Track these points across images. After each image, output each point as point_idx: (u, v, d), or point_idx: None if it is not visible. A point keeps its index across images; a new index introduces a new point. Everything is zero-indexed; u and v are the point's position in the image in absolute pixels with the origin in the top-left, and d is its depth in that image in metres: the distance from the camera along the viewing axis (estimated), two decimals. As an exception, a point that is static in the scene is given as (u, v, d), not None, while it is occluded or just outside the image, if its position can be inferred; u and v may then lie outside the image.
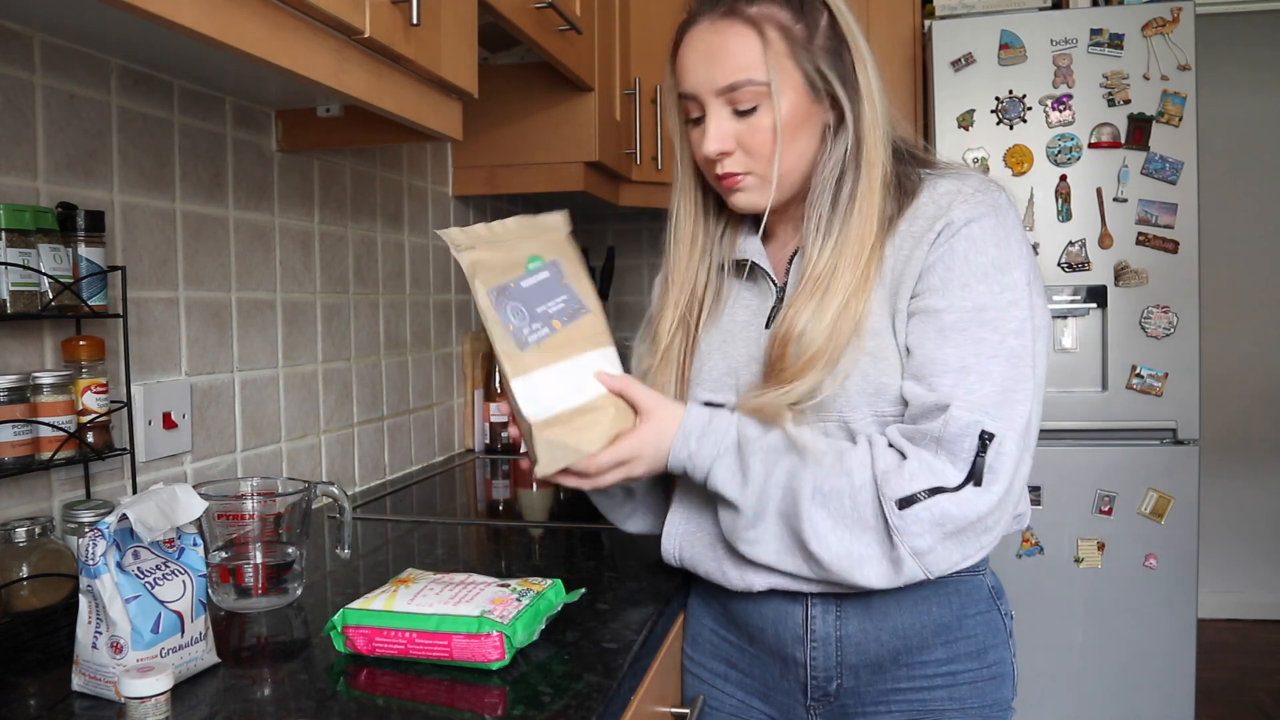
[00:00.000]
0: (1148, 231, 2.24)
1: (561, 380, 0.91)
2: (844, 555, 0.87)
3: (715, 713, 1.07)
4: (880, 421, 0.92)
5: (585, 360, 0.93)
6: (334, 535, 1.29)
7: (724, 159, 0.95)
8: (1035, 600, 2.25)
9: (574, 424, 0.91)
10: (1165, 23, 2.20)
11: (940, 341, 0.88)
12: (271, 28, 0.88)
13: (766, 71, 0.91)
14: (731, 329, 1.03)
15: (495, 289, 0.92)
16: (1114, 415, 2.25)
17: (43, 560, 0.91)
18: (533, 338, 0.92)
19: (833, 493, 0.88)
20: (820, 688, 0.99)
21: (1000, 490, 0.86)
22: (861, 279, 0.91)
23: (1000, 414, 0.86)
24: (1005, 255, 0.89)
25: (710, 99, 0.94)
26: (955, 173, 0.95)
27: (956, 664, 0.97)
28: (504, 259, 0.94)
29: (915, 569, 0.87)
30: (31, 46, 0.99)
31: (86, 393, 1.00)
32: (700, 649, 1.09)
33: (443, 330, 2.02)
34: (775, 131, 0.93)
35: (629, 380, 0.93)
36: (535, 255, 0.95)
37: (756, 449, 0.91)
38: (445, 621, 0.81)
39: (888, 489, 0.86)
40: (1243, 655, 3.29)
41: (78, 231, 1.00)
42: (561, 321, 0.93)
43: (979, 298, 0.88)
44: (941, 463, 0.86)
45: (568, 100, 1.93)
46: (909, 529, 0.85)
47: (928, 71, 2.36)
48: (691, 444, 0.93)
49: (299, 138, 1.41)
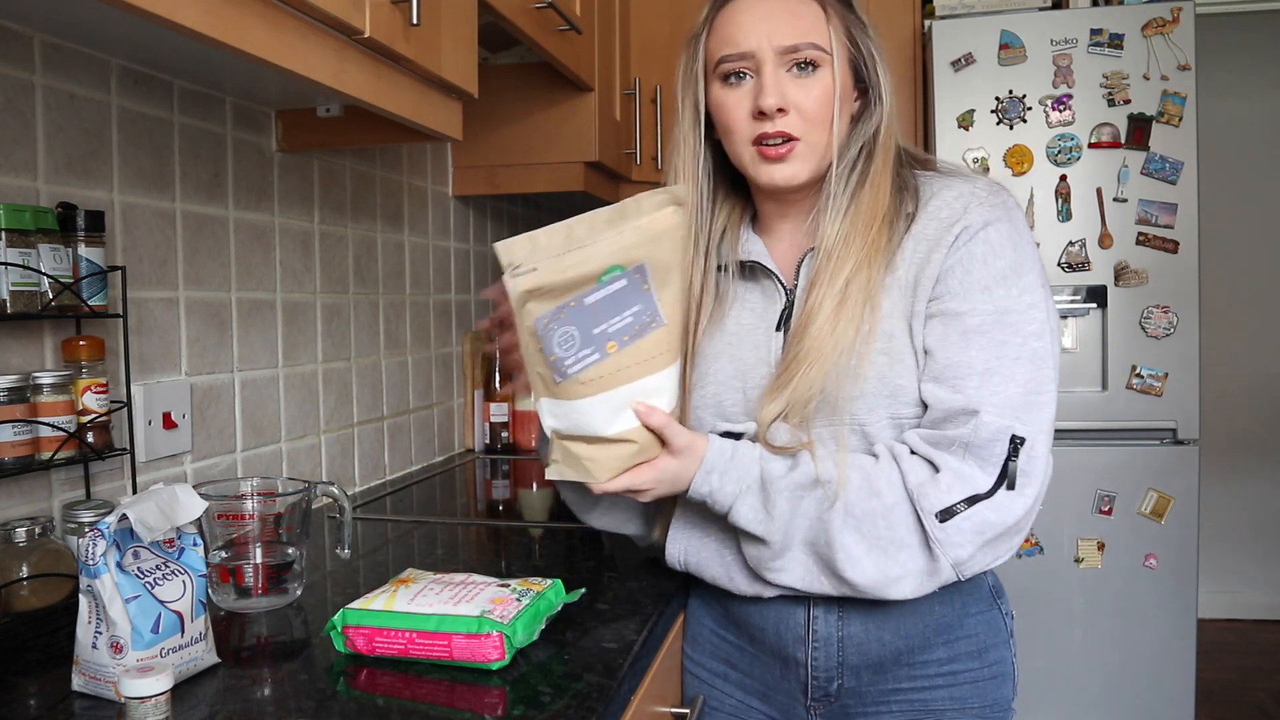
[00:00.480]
0: (1148, 231, 2.24)
1: (596, 409, 0.86)
2: (879, 577, 0.88)
3: (715, 713, 1.07)
4: (896, 424, 0.92)
5: (628, 390, 0.86)
6: (334, 535, 1.29)
7: (780, 117, 0.94)
8: (1035, 600, 2.25)
9: (596, 446, 0.87)
10: (1165, 23, 2.20)
11: (964, 344, 0.89)
12: (271, 28, 0.88)
13: (829, 41, 0.95)
14: (737, 331, 1.01)
15: (549, 315, 0.83)
16: (1114, 415, 2.25)
17: (43, 560, 0.91)
18: (575, 368, 0.84)
19: (865, 516, 0.88)
20: (821, 688, 0.99)
21: (1034, 493, 0.87)
22: (873, 249, 0.92)
23: (1029, 416, 0.87)
24: (1021, 258, 0.91)
25: (770, 56, 0.94)
26: (960, 175, 0.97)
27: (957, 663, 0.97)
28: (574, 275, 0.82)
29: (950, 576, 0.88)
30: (31, 46, 0.99)
31: (86, 393, 1.00)
32: (700, 649, 1.09)
33: (443, 330, 2.02)
34: (834, 96, 0.95)
35: (668, 420, 0.88)
36: (615, 265, 0.83)
37: (781, 486, 0.90)
38: (445, 621, 0.81)
39: (926, 503, 0.86)
40: (1243, 655, 3.29)
41: (78, 231, 1.00)
42: (620, 343, 0.85)
43: (1000, 301, 0.89)
44: (970, 468, 0.86)
45: (568, 100, 1.92)
46: (950, 540, 0.86)
47: (928, 71, 2.36)
48: (714, 480, 0.91)
49: (299, 138, 1.41)
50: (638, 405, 0.86)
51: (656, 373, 0.86)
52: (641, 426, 0.87)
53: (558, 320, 0.83)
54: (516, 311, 0.84)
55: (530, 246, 0.82)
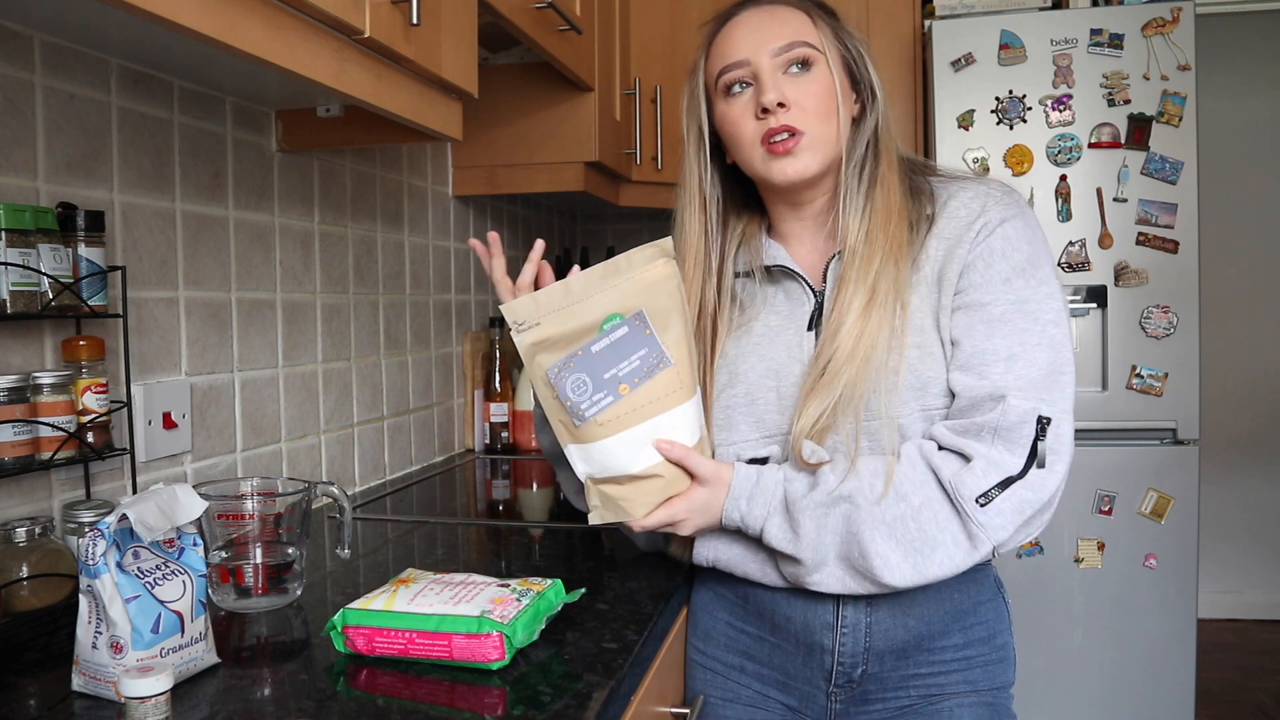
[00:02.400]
0: (1148, 231, 2.24)
1: (619, 448, 0.91)
2: (916, 575, 0.91)
3: (730, 704, 1.08)
4: (926, 415, 0.95)
5: (647, 428, 0.91)
6: (334, 535, 1.29)
7: (782, 111, 0.97)
8: (1035, 600, 2.25)
9: (628, 485, 0.93)
10: (1165, 23, 2.20)
11: (989, 332, 0.93)
12: (271, 28, 0.88)
13: (820, 40, 0.99)
14: (765, 333, 1.04)
15: (559, 364, 0.90)
16: (1114, 415, 2.25)
17: (43, 560, 0.91)
18: (592, 411, 0.90)
19: (896, 521, 0.91)
20: (845, 674, 1.01)
21: (1063, 469, 0.92)
22: (894, 243, 0.96)
23: (1052, 396, 0.92)
24: (1036, 252, 0.97)
25: (765, 60, 0.98)
26: (972, 178, 1.03)
27: (970, 649, 1.01)
28: (576, 326, 0.90)
29: (987, 556, 0.92)
30: (31, 46, 0.99)
31: (86, 393, 1.00)
32: (713, 643, 1.09)
33: (443, 330, 2.02)
34: (834, 92, 0.98)
35: (688, 452, 0.94)
36: (614, 314, 0.90)
37: (804, 505, 0.93)
38: (445, 621, 0.81)
39: (964, 490, 0.90)
40: (1243, 655, 3.29)
41: (78, 231, 1.00)
42: (632, 384, 0.90)
43: (1020, 291, 0.94)
44: (1000, 453, 0.90)
45: (568, 100, 1.93)
46: (992, 523, 0.90)
47: (928, 71, 2.36)
48: (742, 505, 0.95)
49: (299, 138, 1.41)
50: (659, 441, 0.91)
51: (671, 409, 0.91)
52: (665, 461, 0.92)
53: (568, 368, 0.89)
54: (528, 365, 0.91)
55: (533, 305, 0.90)
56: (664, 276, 0.92)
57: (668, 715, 1.03)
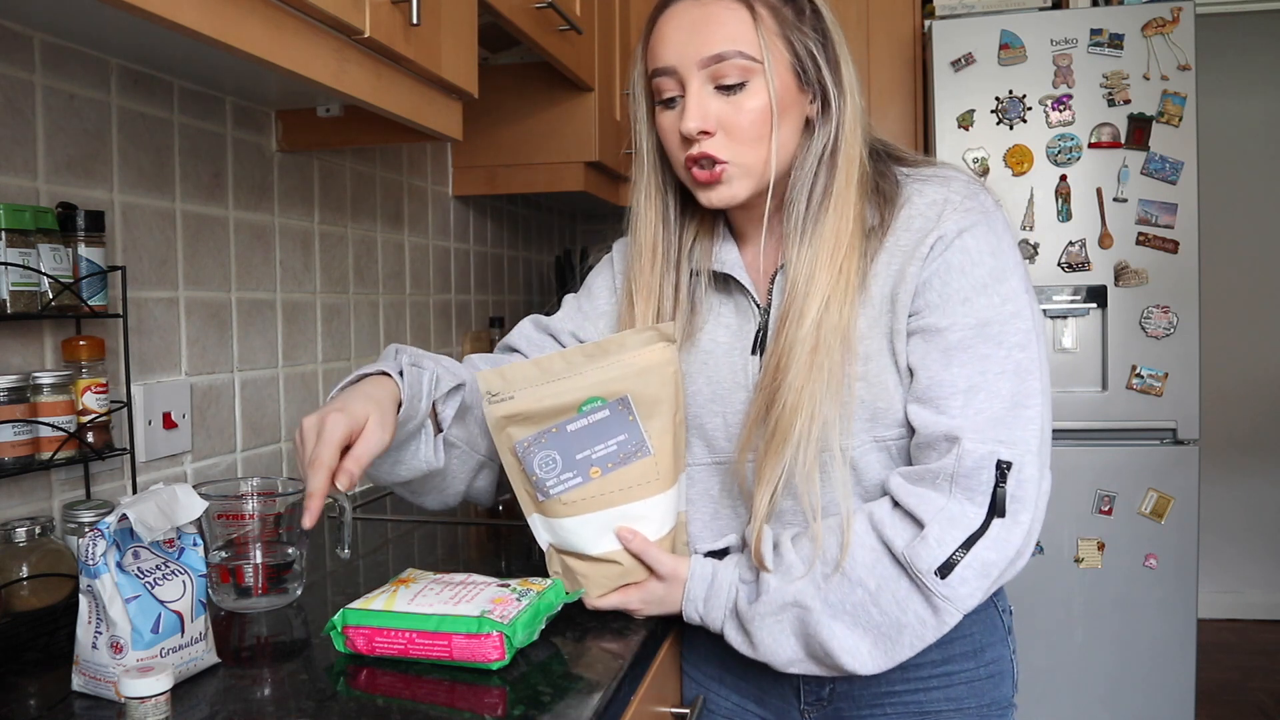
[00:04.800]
0: (1148, 231, 2.24)
1: (582, 529, 0.90)
2: (888, 660, 0.86)
3: (712, 715, 1.07)
4: (881, 446, 0.90)
5: (614, 514, 0.89)
6: (334, 535, 1.29)
7: (705, 139, 0.88)
8: (1035, 600, 2.25)
9: (587, 563, 0.92)
10: (1165, 23, 2.21)
11: (946, 361, 0.86)
12: (271, 28, 0.88)
13: (759, 47, 0.87)
14: (712, 350, 0.98)
15: (529, 439, 0.87)
16: (1114, 415, 2.25)
17: (43, 560, 0.91)
18: (557, 489, 0.88)
19: (857, 608, 0.85)
20: (813, 692, 0.99)
21: (1028, 519, 0.84)
22: (842, 280, 0.87)
23: (1013, 437, 0.84)
24: (1000, 264, 0.87)
25: (693, 72, 0.88)
26: (938, 176, 0.92)
27: (952, 664, 0.96)
28: (553, 404, 0.87)
29: (956, 619, 0.85)
30: (31, 46, 0.99)
31: (86, 393, 1.00)
32: (696, 651, 1.09)
33: (443, 330, 2.02)
34: (769, 112, 0.88)
35: (647, 546, 0.91)
36: (595, 397, 0.87)
37: (752, 616, 0.89)
38: (445, 621, 0.81)
39: (920, 563, 0.83)
40: (1243, 655, 3.29)
41: (78, 231, 1.00)
42: (604, 469, 0.88)
43: (981, 312, 0.86)
44: (959, 505, 0.83)
45: (568, 100, 1.93)
46: (956, 592, 0.83)
47: (928, 71, 2.36)
48: (700, 607, 0.93)
49: (299, 138, 1.41)
50: (620, 529, 0.90)
51: (642, 499, 0.89)
52: (625, 549, 0.91)
53: (538, 444, 0.88)
54: (495, 436, 0.90)
55: (501, 380, 0.88)
56: (660, 362, 0.89)
57: (668, 715, 1.03)
